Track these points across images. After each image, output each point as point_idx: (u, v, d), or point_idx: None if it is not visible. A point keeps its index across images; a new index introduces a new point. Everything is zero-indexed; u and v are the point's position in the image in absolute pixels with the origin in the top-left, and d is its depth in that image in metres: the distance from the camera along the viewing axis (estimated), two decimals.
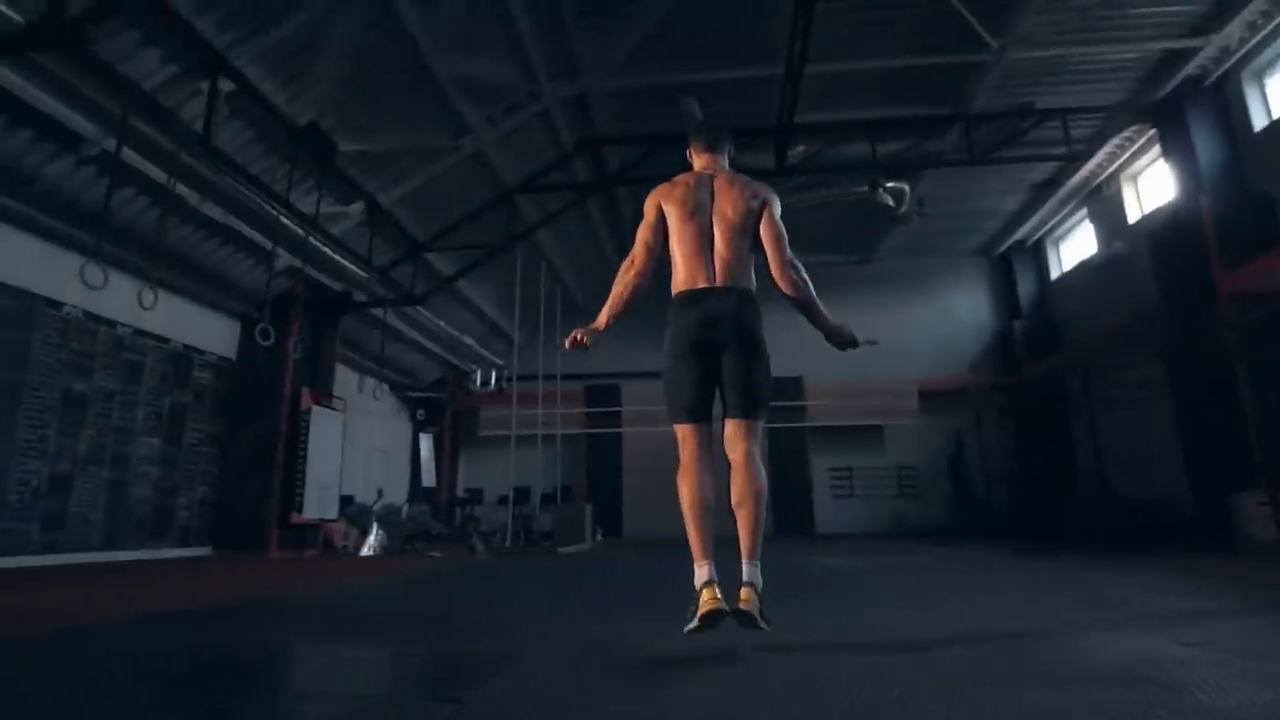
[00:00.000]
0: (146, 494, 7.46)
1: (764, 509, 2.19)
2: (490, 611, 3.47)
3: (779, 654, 2.07)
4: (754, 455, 2.23)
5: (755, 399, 2.28)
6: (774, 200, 2.43)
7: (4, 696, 1.78)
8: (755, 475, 2.19)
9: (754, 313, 2.31)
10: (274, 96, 6.71)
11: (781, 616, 2.84)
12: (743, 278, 2.33)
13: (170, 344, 7.89)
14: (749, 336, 2.27)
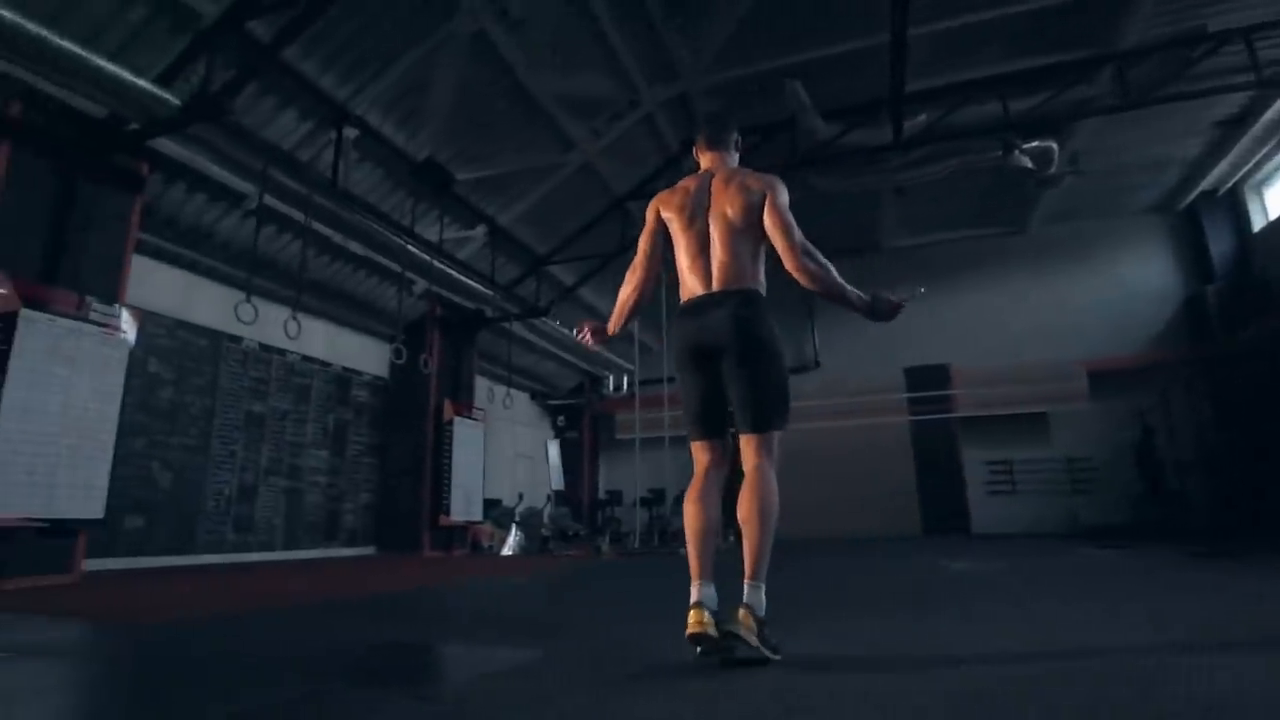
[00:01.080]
0: (318, 500, 8.48)
1: (769, 528, 2.01)
2: (558, 609, 3.56)
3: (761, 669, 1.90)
4: (763, 471, 2.07)
5: (761, 411, 2.11)
6: (777, 189, 2.22)
7: (232, 655, 2.39)
8: (761, 493, 2.03)
9: (753, 315, 2.13)
10: (394, 137, 7.38)
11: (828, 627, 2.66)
12: (743, 279, 2.17)
13: (332, 367, 8.92)
14: (748, 343, 2.11)
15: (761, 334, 2.12)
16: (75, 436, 5.24)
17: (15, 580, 4.78)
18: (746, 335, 2.10)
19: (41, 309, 5.11)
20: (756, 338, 2.11)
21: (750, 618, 1.88)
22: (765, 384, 2.12)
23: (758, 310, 2.15)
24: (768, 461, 2.09)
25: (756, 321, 2.13)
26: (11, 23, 4.49)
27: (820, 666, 1.96)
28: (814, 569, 6.09)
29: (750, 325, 2.11)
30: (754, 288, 2.19)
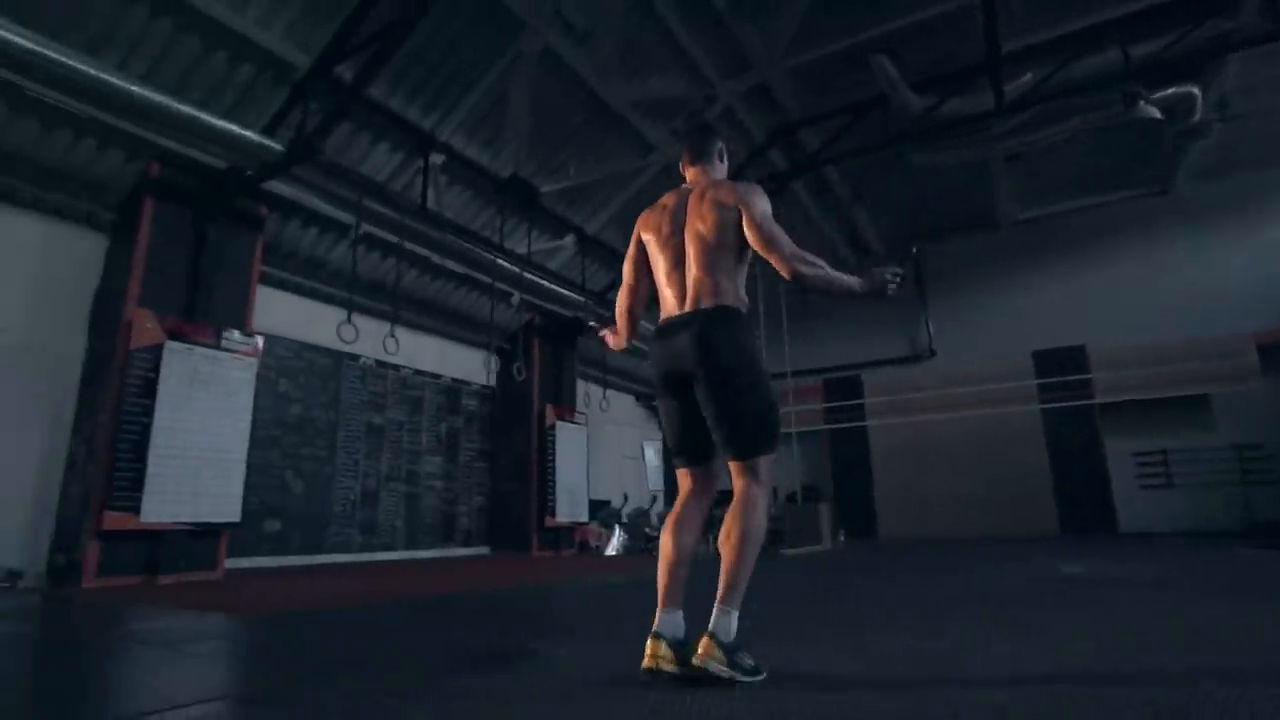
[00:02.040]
0: (434, 503, 9.09)
1: (746, 553, 1.90)
2: (596, 609, 3.59)
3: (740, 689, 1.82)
4: (748, 496, 1.96)
5: (737, 438, 1.98)
6: (752, 201, 2.08)
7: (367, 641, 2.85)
8: (740, 517, 1.93)
9: (721, 336, 2.01)
10: (479, 158, 7.77)
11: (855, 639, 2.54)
12: (716, 296, 2.06)
13: (442, 379, 9.53)
14: (714, 367, 1.99)
15: (729, 356, 2.00)
16: (214, 450, 5.96)
17: (169, 576, 5.52)
18: (713, 359, 1.99)
19: (182, 340, 5.86)
20: (723, 361, 1.99)
21: (713, 645, 1.80)
22: (738, 409, 1.98)
23: (728, 329, 2.03)
24: (755, 487, 1.97)
25: (725, 342, 2.01)
26: (142, 96, 5.19)
27: (805, 683, 1.86)
28: (900, 572, 5.74)
29: (716, 348, 2.00)
30: (726, 304, 2.06)
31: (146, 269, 5.85)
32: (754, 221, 2.05)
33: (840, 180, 10.71)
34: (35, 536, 5.56)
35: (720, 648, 1.80)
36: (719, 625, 1.83)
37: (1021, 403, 10.63)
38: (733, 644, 1.82)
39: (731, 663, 1.79)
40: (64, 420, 5.86)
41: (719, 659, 1.78)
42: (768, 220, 2.07)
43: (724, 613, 1.85)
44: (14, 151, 5.56)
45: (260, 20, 5.71)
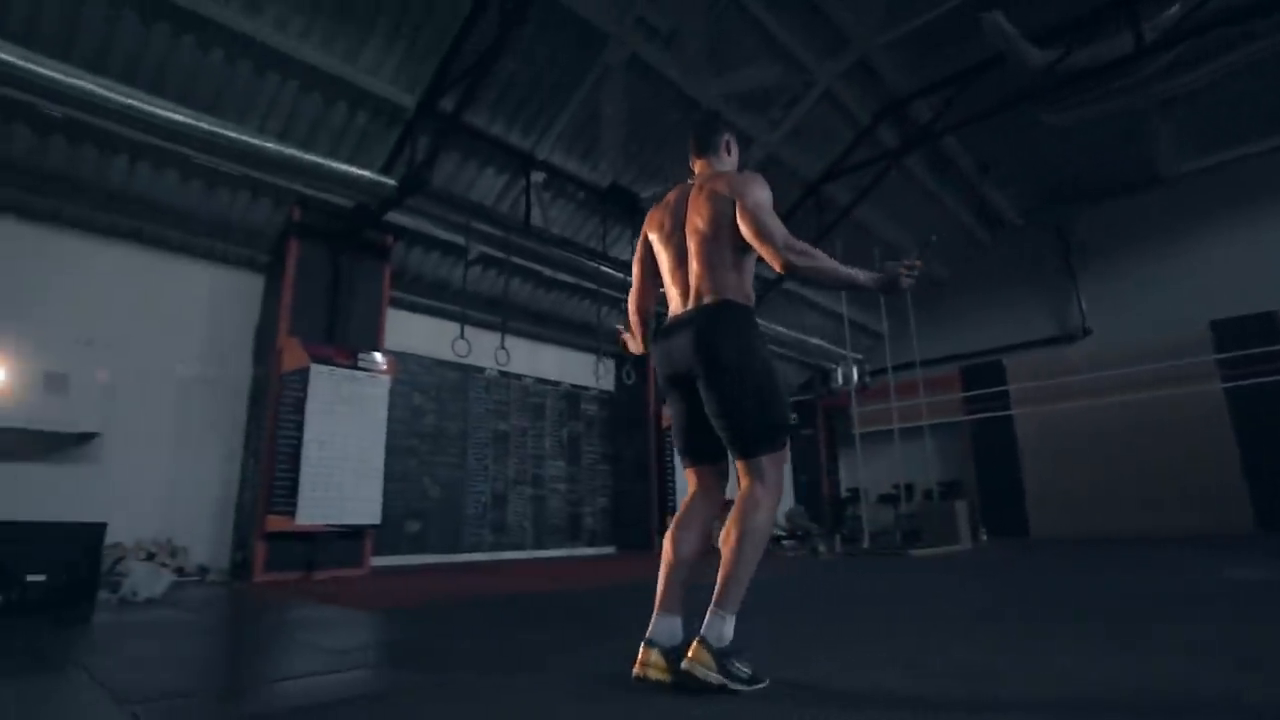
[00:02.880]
0: (559, 505, 9.49)
1: (745, 555, 1.84)
2: None
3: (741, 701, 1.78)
4: (749, 497, 1.90)
5: (738, 433, 1.93)
6: (747, 190, 2.01)
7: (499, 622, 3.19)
8: (740, 518, 1.88)
9: (719, 334, 1.95)
10: (578, 172, 8.05)
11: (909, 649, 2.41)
12: (717, 291, 2.00)
13: (561, 386, 9.94)
14: (712, 365, 1.93)
15: (729, 353, 1.93)
16: (356, 459, 6.63)
17: (323, 572, 6.22)
18: (712, 357, 1.94)
19: (325, 363, 6.58)
20: (722, 358, 1.93)
21: (704, 651, 1.75)
22: (740, 407, 1.92)
23: (726, 326, 1.96)
24: (758, 487, 1.91)
25: (724, 339, 1.94)
26: (278, 152, 5.92)
27: (822, 696, 1.78)
28: (1027, 573, 5.23)
29: (716, 346, 1.94)
30: (727, 299, 1.99)
31: (293, 301, 6.63)
32: (746, 211, 1.98)
33: (963, 152, 9.94)
34: (219, 538, 6.48)
35: (710, 653, 1.75)
36: (711, 630, 1.78)
37: (1198, 381, 9.23)
38: (725, 649, 1.77)
39: (722, 669, 1.73)
40: (237, 439, 6.78)
41: (707, 664, 1.73)
42: (760, 210, 1.98)
43: (718, 616, 1.80)
44: (186, 210, 6.54)
45: (369, 69, 6.30)
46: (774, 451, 1.95)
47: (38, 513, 4.82)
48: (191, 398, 6.60)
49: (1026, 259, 11.58)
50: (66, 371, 5.55)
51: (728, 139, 2.28)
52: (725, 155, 2.27)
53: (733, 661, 1.76)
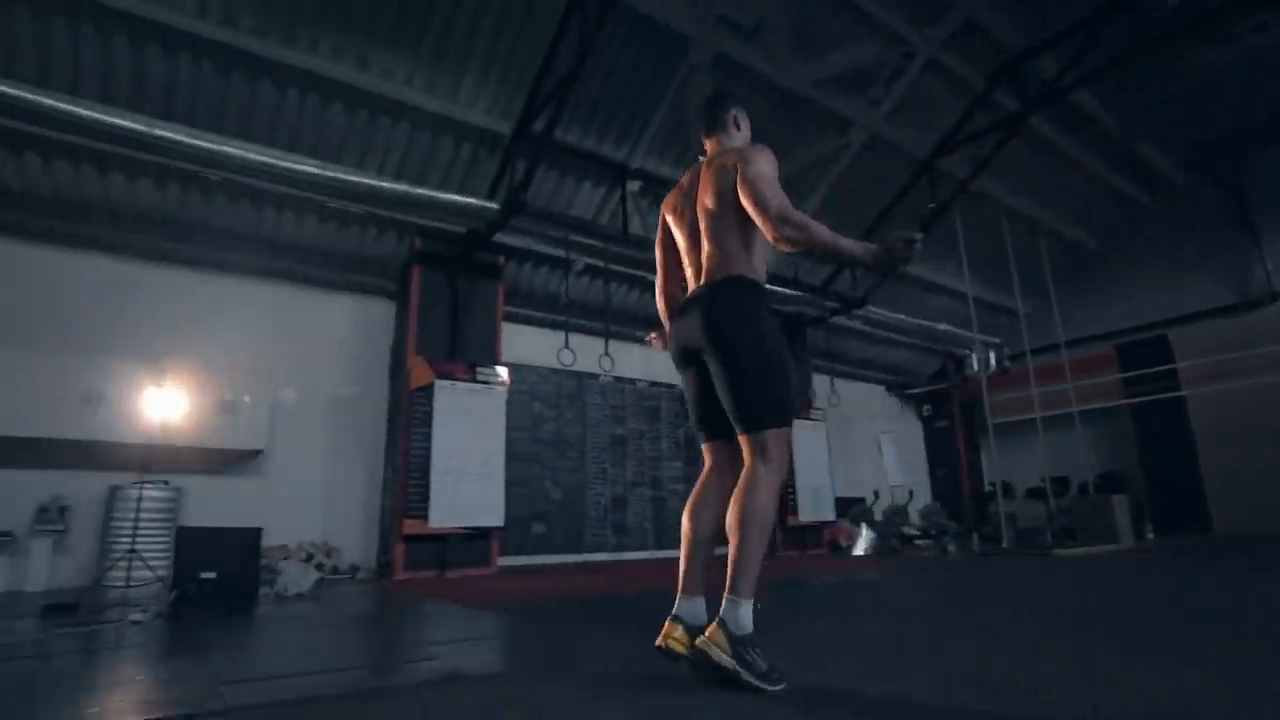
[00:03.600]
0: (678, 506, 9.55)
1: (751, 537, 1.82)
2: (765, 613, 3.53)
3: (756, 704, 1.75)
4: (752, 476, 1.89)
5: (740, 407, 1.94)
6: (748, 158, 2.01)
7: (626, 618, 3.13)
8: (740, 498, 1.87)
9: (724, 309, 1.98)
10: (673, 175, 8.11)
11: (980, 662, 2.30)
12: (726, 268, 2.03)
13: (676, 388, 10.04)
14: (716, 340, 1.97)
15: (732, 327, 1.96)
16: (479, 466, 7.12)
17: (455, 571, 6.73)
18: (715, 332, 1.97)
19: (447, 378, 7.13)
20: (726, 332, 1.96)
21: (720, 633, 1.76)
22: (741, 379, 1.93)
23: (731, 301, 1.99)
24: (760, 465, 1.89)
25: (726, 315, 1.97)
26: (395, 190, 6.52)
27: (839, 702, 1.74)
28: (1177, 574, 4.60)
29: (718, 321, 1.97)
30: (736, 274, 2.02)
31: (419, 324, 7.26)
32: (745, 181, 1.97)
33: (1102, 109, 8.95)
34: (368, 540, 7.21)
35: (727, 636, 1.75)
36: (727, 614, 1.79)
37: None
38: (743, 637, 1.76)
39: (736, 655, 1.73)
40: (379, 450, 7.50)
41: (722, 646, 1.74)
42: (759, 179, 1.96)
43: (731, 602, 1.80)
44: (326, 249, 7.35)
45: (468, 103, 6.78)
46: (777, 427, 1.92)
47: (216, 519, 5.64)
48: (339, 415, 7.39)
49: (1191, 220, 10.17)
50: (235, 398, 6.43)
51: (734, 114, 2.28)
52: (734, 130, 2.26)
53: (749, 650, 1.75)
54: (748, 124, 2.31)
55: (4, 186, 5.93)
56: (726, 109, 2.27)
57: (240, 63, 5.88)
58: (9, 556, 5.51)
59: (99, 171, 6.14)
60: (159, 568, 5.16)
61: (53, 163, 5.98)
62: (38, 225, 6.18)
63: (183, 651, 2.82)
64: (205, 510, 6.25)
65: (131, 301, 6.46)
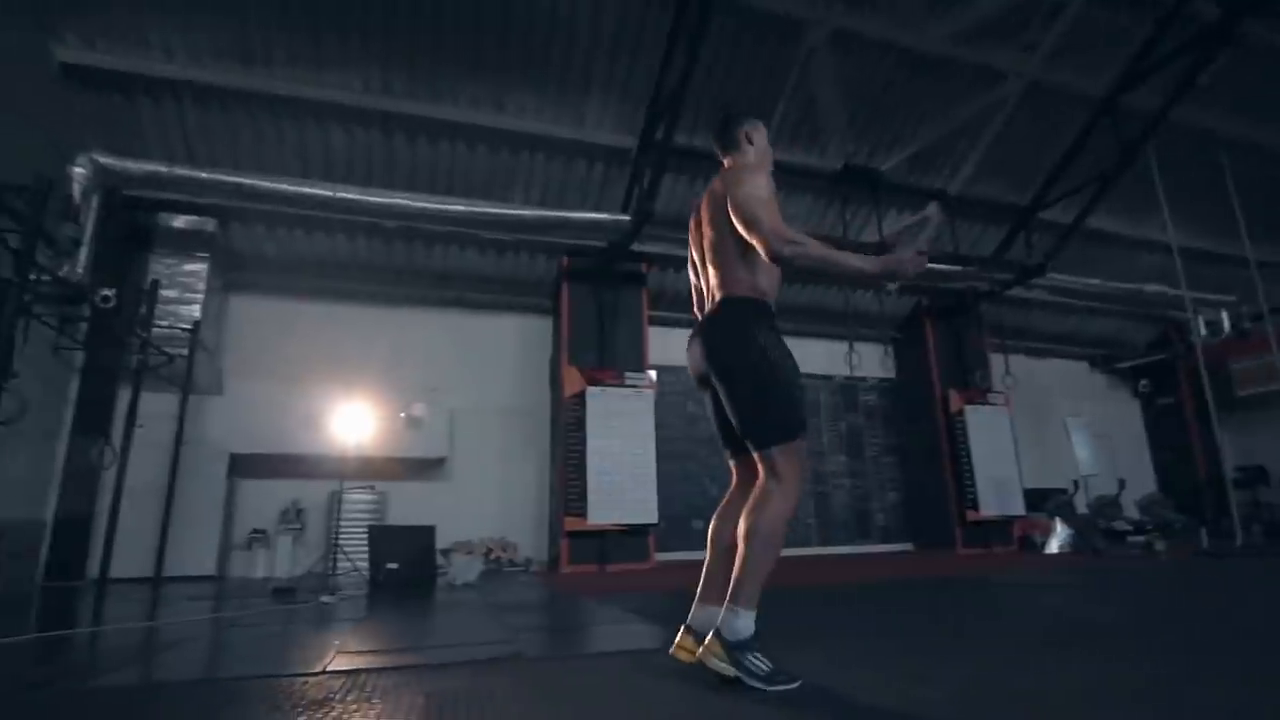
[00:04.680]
0: (845, 501, 9.26)
1: (757, 552, 1.82)
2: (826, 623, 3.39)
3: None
4: (763, 493, 1.89)
5: (746, 428, 1.96)
6: (738, 178, 2.02)
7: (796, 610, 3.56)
8: (750, 513, 1.88)
9: (723, 330, 2.01)
10: (805, 162, 7.92)
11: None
12: (727, 289, 2.05)
13: (834, 379, 9.72)
14: (716, 363, 2.00)
15: (729, 350, 1.98)
16: (631, 466, 7.49)
17: (615, 565, 7.15)
18: (715, 359, 2.01)
19: (597, 385, 7.60)
20: (724, 356, 1.99)
21: (716, 642, 1.79)
22: (743, 402, 1.95)
23: (728, 327, 2.01)
24: (772, 482, 1.89)
25: (724, 341, 2.00)
26: (540, 216, 7.12)
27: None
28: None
29: (717, 349, 2.01)
30: (736, 296, 2.03)
31: (570, 336, 7.83)
32: (735, 202, 1.98)
33: None
34: (540, 536, 7.90)
35: (723, 645, 1.78)
36: (724, 623, 1.82)
37: None
38: (740, 643, 1.78)
39: (734, 660, 1.76)
40: (546, 454, 8.17)
41: (720, 655, 1.78)
42: (749, 200, 1.96)
43: (730, 611, 1.82)
44: (488, 276, 8.21)
45: (595, 125, 7.20)
46: (783, 443, 1.91)
47: (413, 518, 6.53)
48: (510, 424, 8.19)
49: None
50: (420, 413, 7.42)
51: (746, 130, 2.25)
52: (746, 146, 2.24)
53: (747, 655, 1.77)
54: (762, 136, 2.28)
55: (237, 251, 7.43)
56: (739, 126, 2.26)
57: (400, 125, 6.82)
58: (264, 550, 6.87)
59: (305, 232, 7.45)
60: (359, 559, 6.11)
61: (275, 230, 7.37)
62: (267, 281, 7.65)
63: (352, 623, 3.41)
64: (404, 510, 7.27)
65: (339, 337, 7.71)
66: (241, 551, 6.89)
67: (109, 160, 5.94)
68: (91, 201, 5.94)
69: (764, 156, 2.26)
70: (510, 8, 6.21)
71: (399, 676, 2.08)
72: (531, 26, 6.38)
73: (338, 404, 6.93)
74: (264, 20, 5.97)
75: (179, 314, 6.70)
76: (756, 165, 2.12)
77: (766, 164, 2.24)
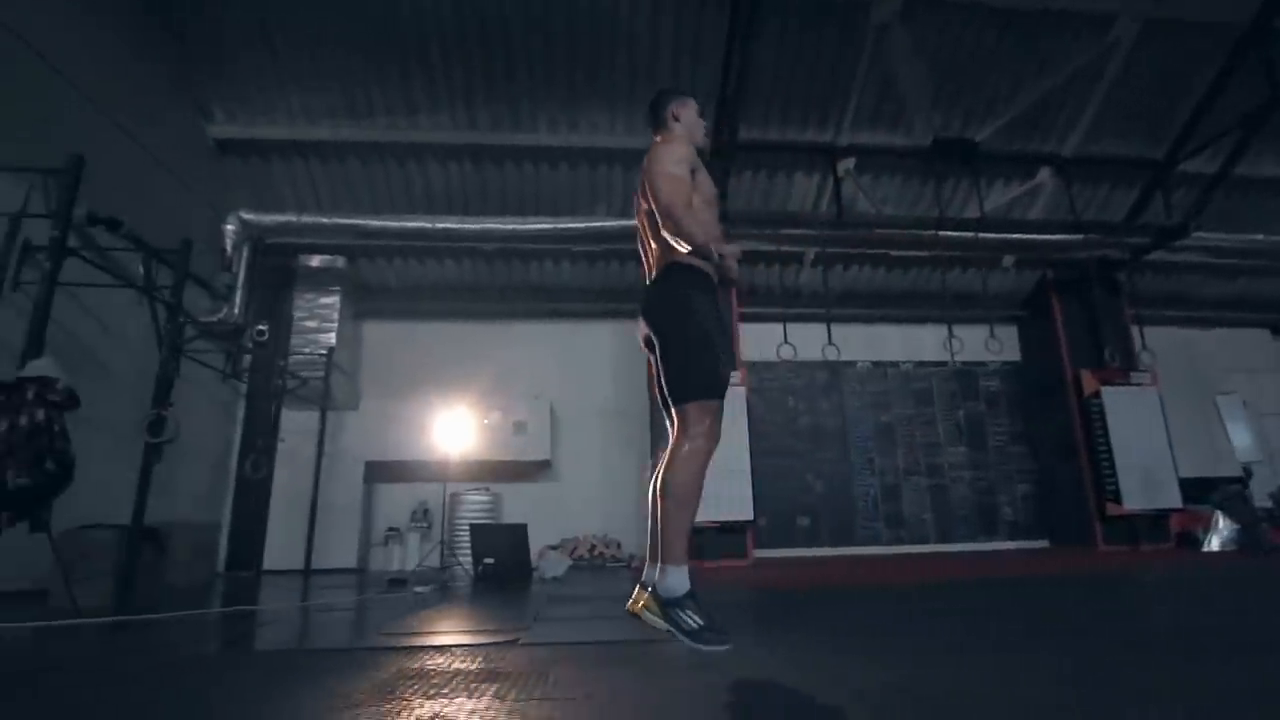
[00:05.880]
0: (965, 495, 8.69)
1: (673, 508, 1.93)
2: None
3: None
4: (676, 449, 1.99)
5: (668, 384, 2.07)
6: (652, 155, 2.18)
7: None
8: (662, 474, 1.98)
9: (657, 295, 2.14)
10: (890, 142, 7.57)
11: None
12: (659, 260, 2.17)
13: (948, 365, 9.14)
14: (652, 324, 2.14)
15: (659, 309, 2.12)
16: (726, 462, 7.52)
17: (711, 562, 7.26)
18: (650, 321, 2.14)
19: None
20: (656, 320, 2.13)
21: (649, 598, 1.91)
22: (669, 358, 2.07)
23: (661, 291, 2.14)
24: (682, 438, 1.99)
25: (657, 304, 2.14)
26: (616, 225, 7.42)
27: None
28: None
29: (650, 311, 2.15)
30: (666, 263, 2.14)
31: None
32: (648, 175, 2.13)
33: None
34: (643, 535, 8.16)
35: (656, 600, 1.90)
36: (657, 581, 1.92)
37: None
38: (673, 600, 1.88)
39: (666, 615, 1.87)
40: (646, 454, 8.44)
41: (653, 610, 1.90)
42: (658, 175, 2.10)
43: (662, 570, 1.92)
44: (582, 287, 8.64)
45: None
46: (698, 400, 2.00)
47: (523, 518, 7.05)
48: (610, 426, 8.56)
49: None
50: (525, 419, 7.98)
51: (673, 109, 2.35)
52: (673, 123, 2.34)
53: (678, 612, 1.87)
54: (688, 111, 2.36)
55: (364, 282, 8.40)
56: (663, 106, 2.37)
57: (487, 155, 7.41)
58: (397, 546, 7.72)
59: (419, 261, 8.27)
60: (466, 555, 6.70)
61: (393, 261, 8.26)
62: (391, 307, 8.57)
63: (422, 609, 3.87)
64: (516, 509, 7.84)
65: (454, 352, 8.47)
66: (379, 547, 7.79)
67: (252, 215, 7.00)
68: (242, 252, 7.04)
69: (692, 130, 2.35)
70: (575, 33, 6.56)
71: (391, 656, 2.42)
72: (595, 45, 6.69)
73: (455, 413, 7.64)
74: (364, 79, 6.77)
75: (318, 341, 7.73)
76: (673, 140, 2.24)
77: (696, 138, 2.35)
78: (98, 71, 5.37)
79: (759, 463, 8.39)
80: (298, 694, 1.93)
